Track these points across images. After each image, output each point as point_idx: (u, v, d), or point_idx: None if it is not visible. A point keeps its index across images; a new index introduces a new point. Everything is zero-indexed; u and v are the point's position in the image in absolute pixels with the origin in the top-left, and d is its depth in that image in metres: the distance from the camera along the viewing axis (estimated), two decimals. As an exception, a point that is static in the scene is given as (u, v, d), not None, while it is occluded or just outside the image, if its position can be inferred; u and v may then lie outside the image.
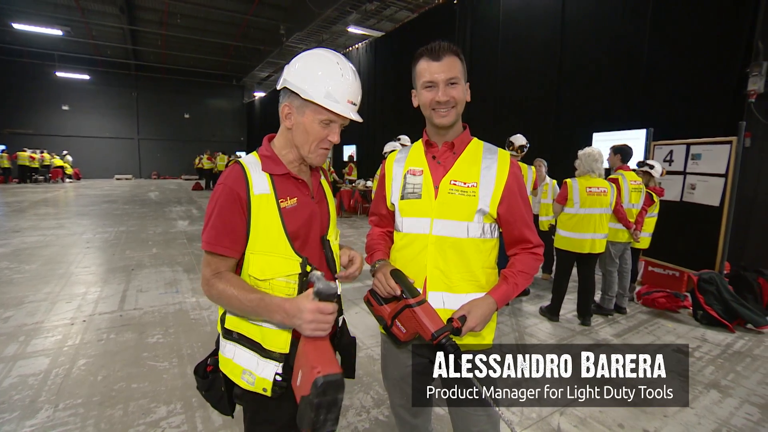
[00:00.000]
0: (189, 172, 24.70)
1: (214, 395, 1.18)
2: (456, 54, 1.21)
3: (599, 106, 6.31)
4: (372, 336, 3.39)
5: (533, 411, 2.40)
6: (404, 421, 1.42)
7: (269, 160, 1.14)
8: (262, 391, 1.08)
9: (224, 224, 1.06)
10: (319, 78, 1.07)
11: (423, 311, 1.13)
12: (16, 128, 20.95)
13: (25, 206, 10.93)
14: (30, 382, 2.59)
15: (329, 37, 16.14)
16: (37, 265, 5.25)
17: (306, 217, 1.14)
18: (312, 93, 1.06)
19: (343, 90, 1.09)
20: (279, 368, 1.08)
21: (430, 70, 1.19)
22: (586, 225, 3.64)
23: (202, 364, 1.21)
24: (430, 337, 1.10)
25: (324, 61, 1.10)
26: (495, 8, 8.09)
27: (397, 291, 1.17)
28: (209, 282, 1.07)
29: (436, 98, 1.19)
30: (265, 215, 1.08)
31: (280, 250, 1.08)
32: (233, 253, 1.08)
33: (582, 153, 3.74)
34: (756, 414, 2.44)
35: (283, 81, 1.11)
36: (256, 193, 1.07)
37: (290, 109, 1.11)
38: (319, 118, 1.09)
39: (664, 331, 3.67)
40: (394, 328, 1.19)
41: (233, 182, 1.07)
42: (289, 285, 1.08)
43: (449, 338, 1.10)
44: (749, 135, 4.66)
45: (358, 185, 10.94)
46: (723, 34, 4.85)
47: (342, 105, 1.09)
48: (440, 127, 1.26)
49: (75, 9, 16.24)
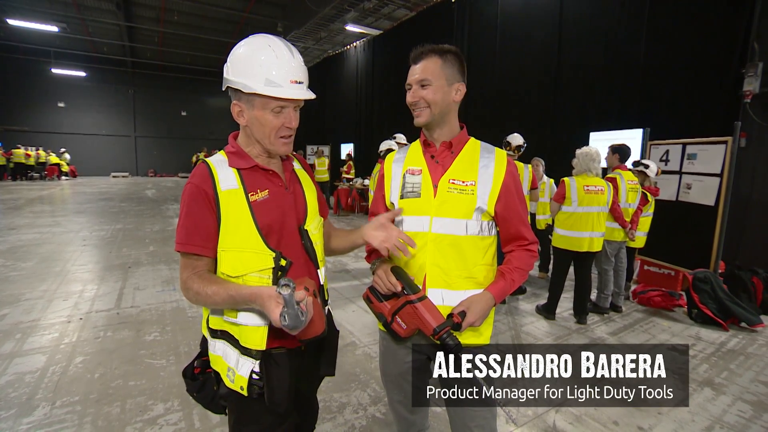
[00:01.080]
0: (186, 170, 24.64)
1: (206, 396, 1.17)
2: (438, 54, 1.22)
3: (596, 106, 6.34)
4: (369, 334, 3.40)
5: (529, 408, 2.42)
6: (402, 417, 1.44)
7: (235, 156, 1.12)
8: (239, 389, 1.07)
9: (194, 223, 1.05)
10: (255, 67, 1.03)
11: (424, 307, 1.14)
12: (12, 125, 20.78)
13: (21, 204, 10.87)
14: (27, 379, 2.59)
15: (327, 35, 16.08)
16: (33, 263, 5.23)
17: (280, 209, 1.13)
18: (252, 84, 1.03)
19: (283, 72, 1.05)
20: (255, 366, 1.06)
21: (410, 73, 1.25)
22: (583, 223, 3.66)
23: (189, 366, 1.21)
24: (431, 332, 1.11)
25: (255, 49, 1.06)
26: (493, 7, 8.10)
27: (398, 287, 1.18)
28: (186, 283, 1.06)
29: (407, 99, 1.26)
30: (235, 210, 1.06)
31: (252, 245, 1.07)
32: (206, 252, 1.07)
33: (580, 152, 3.76)
34: (748, 411, 2.47)
35: (225, 81, 1.09)
36: (224, 189, 1.06)
37: (240, 106, 1.09)
38: (269, 107, 1.06)
39: (659, 330, 3.70)
40: (394, 325, 1.19)
41: (199, 180, 1.06)
42: (262, 280, 1.07)
43: (450, 333, 1.11)
44: (744, 135, 4.70)
45: (355, 183, 10.93)
46: (719, 35, 4.88)
47: (286, 88, 1.05)
48: (417, 126, 1.30)
49: (71, 5, 16.08)
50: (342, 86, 14.70)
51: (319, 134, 15.23)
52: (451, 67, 1.23)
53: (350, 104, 14.16)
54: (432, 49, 1.22)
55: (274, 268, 1.07)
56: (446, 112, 1.27)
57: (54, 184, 17.84)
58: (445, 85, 1.23)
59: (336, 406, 2.41)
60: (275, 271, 1.08)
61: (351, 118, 14.15)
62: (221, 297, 1.02)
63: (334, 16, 13.99)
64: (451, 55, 1.23)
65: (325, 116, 15.69)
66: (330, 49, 17.55)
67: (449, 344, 1.10)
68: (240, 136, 1.17)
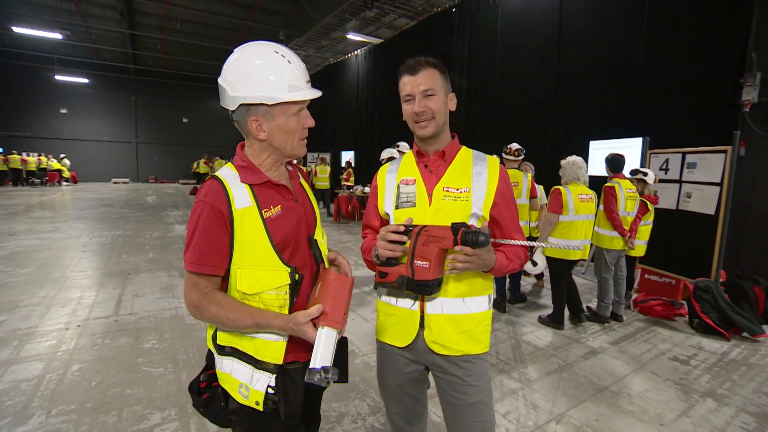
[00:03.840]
0: (186, 177, 24.67)
1: (213, 411, 1.16)
2: (434, 66, 1.24)
3: (596, 114, 6.37)
4: (368, 342, 3.38)
5: (529, 419, 2.39)
6: (400, 429, 1.42)
7: (247, 171, 1.10)
8: (254, 404, 1.06)
9: (208, 243, 1.02)
10: (274, 77, 1.03)
11: (433, 227, 1.15)
12: (14, 131, 20.89)
13: (21, 209, 10.88)
14: (23, 387, 2.57)
15: (328, 43, 16.23)
16: (32, 269, 5.21)
17: (293, 223, 1.12)
18: (277, 95, 1.03)
19: (298, 74, 1.06)
20: (272, 380, 1.06)
21: (408, 84, 1.24)
22: (577, 232, 3.72)
23: (195, 381, 1.19)
24: (452, 239, 1.09)
25: (266, 60, 1.04)
26: (493, 16, 8.17)
27: (401, 228, 1.17)
28: (199, 305, 1.04)
29: (413, 110, 1.23)
30: (249, 229, 1.05)
31: (267, 263, 1.06)
32: (219, 272, 1.05)
33: (565, 162, 3.86)
34: (752, 423, 2.44)
35: (233, 100, 1.04)
36: (239, 208, 1.04)
37: (258, 121, 1.06)
38: (290, 112, 1.07)
39: (660, 339, 3.67)
40: (417, 273, 1.14)
41: (213, 198, 1.03)
42: (279, 297, 1.07)
43: (469, 229, 1.08)
44: (744, 144, 4.72)
45: (355, 191, 10.95)
46: (717, 45, 4.92)
47: (305, 90, 1.08)
48: (422, 138, 1.29)
49: (75, 13, 16.26)
50: (343, 94, 14.79)
51: (320, 141, 15.29)
52: (445, 78, 1.27)
53: (351, 112, 14.24)
54: (427, 61, 1.23)
55: (290, 284, 1.07)
56: (446, 122, 1.30)
57: (55, 189, 17.86)
58: (445, 95, 1.26)
59: (335, 415, 2.39)
60: (291, 287, 1.07)
61: (351, 126, 14.21)
62: (245, 324, 1.02)
63: (336, 25, 14.12)
64: (442, 66, 1.27)
65: (326, 124, 15.76)
66: (331, 57, 17.70)
67: (471, 240, 1.07)
68: (248, 148, 1.14)
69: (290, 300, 1.08)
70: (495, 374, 2.91)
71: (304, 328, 0.99)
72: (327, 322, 0.99)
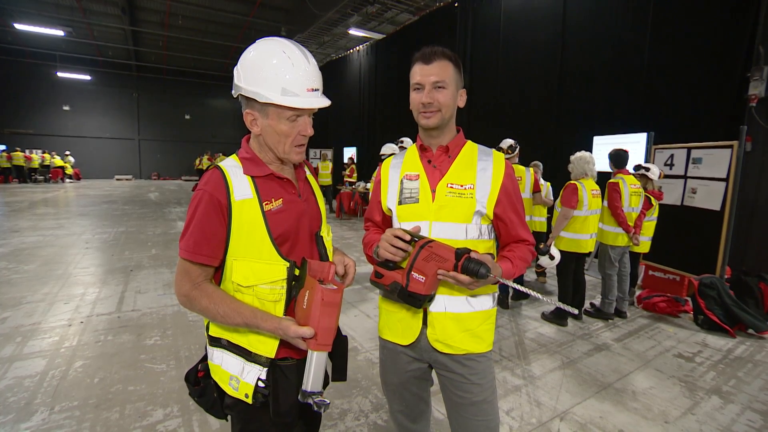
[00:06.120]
0: (189, 173, 24.73)
1: (207, 401, 1.15)
2: (449, 59, 1.20)
3: (600, 110, 6.30)
4: (371, 339, 3.37)
5: (533, 416, 2.38)
6: (403, 426, 1.41)
7: (250, 162, 1.09)
8: (244, 397, 1.05)
9: (203, 232, 1.01)
10: (270, 75, 0.99)
11: (438, 244, 1.11)
12: (17, 128, 20.98)
13: (24, 206, 10.92)
14: (26, 384, 2.57)
15: (330, 39, 16.17)
16: (35, 266, 5.23)
17: (294, 218, 1.11)
18: (268, 94, 0.99)
19: (299, 80, 1.01)
20: (263, 373, 1.04)
21: (420, 73, 1.20)
22: (589, 226, 3.76)
23: (192, 370, 1.19)
24: (452, 262, 1.07)
25: (269, 55, 1.01)
26: (496, 11, 8.09)
27: (407, 237, 1.15)
28: (190, 295, 1.03)
29: (421, 100, 1.20)
30: (248, 221, 1.03)
31: (264, 256, 1.04)
32: (212, 262, 1.04)
33: (574, 157, 3.87)
34: (758, 421, 2.42)
35: (236, 88, 1.04)
36: (237, 199, 1.03)
37: (253, 115, 1.05)
38: (285, 116, 1.03)
39: (665, 336, 3.65)
40: (411, 285, 1.13)
41: (213, 188, 1.02)
42: (274, 291, 1.05)
43: (471, 258, 1.07)
44: (750, 139, 4.66)
45: (358, 187, 10.93)
46: (724, 39, 4.85)
47: (303, 97, 1.01)
48: (425, 129, 1.26)
49: (77, 10, 16.25)
50: (345, 90, 14.73)
51: (322, 138, 15.26)
52: (459, 72, 1.23)
53: (353, 108, 14.18)
54: (443, 52, 1.20)
55: (287, 278, 1.05)
56: (452, 116, 1.27)
57: (58, 186, 17.94)
58: (455, 90, 1.23)
59: (337, 412, 2.38)
60: (289, 281, 1.06)
61: (353, 122, 14.16)
62: (234, 321, 1.01)
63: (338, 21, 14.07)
64: (457, 60, 1.23)
65: (328, 120, 15.71)
66: (333, 53, 17.64)
67: (472, 270, 1.05)
68: (252, 142, 1.13)
69: (287, 296, 1.06)
70: (498, 371, 2.89)
71: (294, 340, 1.00)
72: (317, 348, 0.99)
